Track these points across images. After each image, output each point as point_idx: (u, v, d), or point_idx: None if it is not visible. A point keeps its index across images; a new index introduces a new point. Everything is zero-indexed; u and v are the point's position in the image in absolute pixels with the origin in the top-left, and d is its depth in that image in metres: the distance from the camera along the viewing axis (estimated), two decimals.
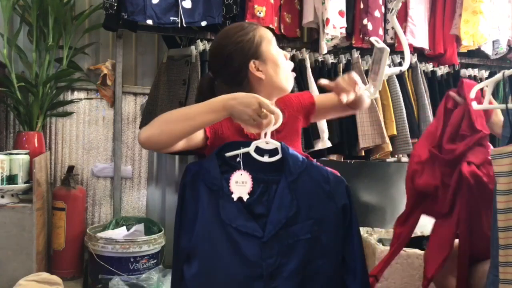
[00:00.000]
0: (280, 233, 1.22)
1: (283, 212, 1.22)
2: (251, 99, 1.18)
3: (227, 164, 1.26)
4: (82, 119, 3.10)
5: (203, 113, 1.21)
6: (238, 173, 1.24)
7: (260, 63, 1.37)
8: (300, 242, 1.22)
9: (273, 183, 1.25)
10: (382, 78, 1.61)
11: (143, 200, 3.20)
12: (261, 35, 1.40)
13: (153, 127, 1.22)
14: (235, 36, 1.37)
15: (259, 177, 1.25)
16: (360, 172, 3.11)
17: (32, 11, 2.69)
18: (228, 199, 1.23)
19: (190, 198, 1.27)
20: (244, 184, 1.23)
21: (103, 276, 2.50)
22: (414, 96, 2.96)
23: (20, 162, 2.30)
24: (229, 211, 1.22)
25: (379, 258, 2.24)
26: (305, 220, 1.23)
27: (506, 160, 1.11)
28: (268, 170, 1.26)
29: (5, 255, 2.18)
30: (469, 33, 2.90)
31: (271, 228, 1.21)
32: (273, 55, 1.39)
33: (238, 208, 1.22)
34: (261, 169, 1.26)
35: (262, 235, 1.21)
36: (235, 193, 1.23)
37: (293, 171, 1.24)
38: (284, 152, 1.25)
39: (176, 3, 2.57)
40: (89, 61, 3.12)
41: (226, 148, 1.27)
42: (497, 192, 1.12)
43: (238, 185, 1.23)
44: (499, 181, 1.12)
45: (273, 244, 1.21)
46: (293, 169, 1.24)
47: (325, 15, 2.68)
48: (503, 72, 1.68)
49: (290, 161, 1.24)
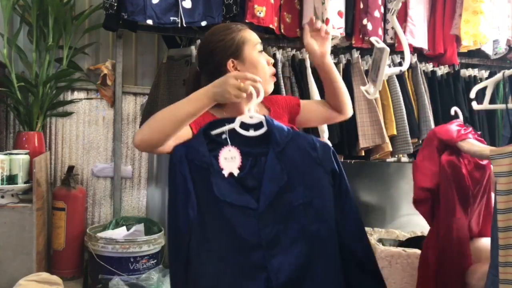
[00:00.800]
0: (274, 203, 1.25)
1: (275, 182, 1.26)
2: (225, 77, 1.24)
3: (214, 141, 1.29)
4: (82, 119, 3.10)
5: (187, 105, 1.27)
6: (226, 149, 1.27)
7: (239, 63, 1.42)
8: (294, 209, 1.26)
9: (261, 155, 1.28)
10: (382, 78, 1.62)
11: (143, 200, 3.20)
12: (244, 36, 1.45)
13: (143, 129, 1.29)
14: (220, 34, 1.44)
15: (247, 151, 1.28)
16: (360, 172, 3.11)
17: (32, 11, 2.68)
18: (219, 175, 1.25)
19: (181, 178, 1.28)
20: (233, 159, 1.26)
21: (103, 276, 2.50)
22: (414, 96, 2.95)
23: (20, 162, 2.30)
24: (222, 187, 1.25)
25: (379, 258, 2.24)
26: (296, 187, 1.26)
27: (506, 160, 1.11)
28: (254, 144, 1.29)
29: (5, 255, 2.18)
30: (470, 33, 2.90)
31: (265, 198, 1.25)
32: (252, 58, 1.43)
33: (230, 183, 1.25)
34: (248, 144, 1.29)
35: (257, 206, 1.24)
36: (226, 169, 1.26)
37: (280, 142, 1.27)
38: (269, 125, 1.28)
39: (176, 3, 2.56)
40: (89, 61, 3.12)
41: (211, 126, 1.30)
42: (497, 192, 1.12)
43: (228, 161, 1.26)
44: (499, 181, 1.11)
45: (269, 214, 1.25)
46: (280, 139, 1.27)
47: (325, 15, 2.67)
48: (503, 72, 1.69)
49: (276, 133, 1.28)
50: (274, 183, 1.26)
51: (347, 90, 1.56)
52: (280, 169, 1.26)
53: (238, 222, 1.24)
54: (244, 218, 1.24)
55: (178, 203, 1.28)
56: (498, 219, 1.10)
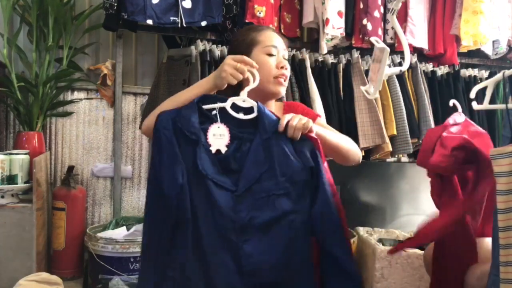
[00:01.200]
0: (253, 188, 1.26)
1: (257, 167, 1.26)
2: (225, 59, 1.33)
3: (203, 115, 1.30)
4: (82, 119, 3.10)
5: (189, 91, 1.36)
6: (215, 126, 1.27)
7: None
8: (272, 197, 1.26)
9: (246, 140, 1.29)
10: (382, 78, 1.62)
11: (143, 200, 3.20)
12: (257, 38, 1.51)
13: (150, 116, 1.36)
14: (241, 33, 1.57)
15: (233, 133, 1.28)
16: (360, 172, 3.11)
17: (32, 11, 2.68)
18: (205, 150, 1.26)
19: (168, 142, 1.27)
20: (221, 136, 1.27)
21: (103, 276, 2.50)
22: (414, 96, 2.96)
23: (20, 162, 2.30)
24: (205, 162, 1.25)
25: (379, 258, 2.24)
26: (277, 177, 1.27)
27: (506, 160, 1.11)
28: (242, 128, 1.30)
29: (5, 255, 2.18)
30: (469, 33, 2.90)
31: (245, 182, 1.25)
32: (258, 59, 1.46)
33: (212, 161, 1.26)
34: (235, 126, 1.29)
35: (235, 189, 1.25)
36: (213, 146, 1.26)
37: (268, 130, 1.28)
38: (260, 111, 1.29)
39: (176, 3, 2.56)
40: (89, 61, 3.12)
41: (204, 100, 1.31)
42: (497, 192, 1.12)
43: (216, 137, 1.27)
44: (499, 181, 1.11)
45: (246, 198, 1.25)
46: (268, 127, 1.28)
47: (325, 15, 2.68)
48: (503, 72, 1.68)
49: (265, 120, 1.29)
50: (256, 168, 1.26)
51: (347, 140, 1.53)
52: (264, 156, 1.27)
53: (216, 199, 1.24)
54: (222, 197, 1.24)
55: (164, 167, 1.26)
56: (498, 219, 1.10)
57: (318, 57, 2.84)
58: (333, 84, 2.81)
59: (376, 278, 2.26)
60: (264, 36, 1.52)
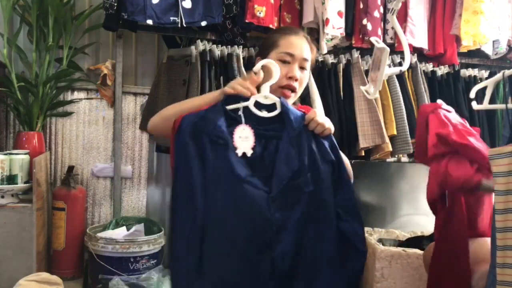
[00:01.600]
0: (286, 187, 1.25)
1: (289, 166, 1.25)
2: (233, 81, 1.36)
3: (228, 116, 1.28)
4: (82, 119, 3.10)
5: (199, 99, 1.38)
6: (241, 128, 1.25)
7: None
8: (304, 195, 1.26)
9: (273, 138, 1.28)
10: (382, 78, 1.62)
11: (143, 200, 3.21)
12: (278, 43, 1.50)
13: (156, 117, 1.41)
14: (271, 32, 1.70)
15: (258, 132, 1.27)
16: (360, 172, 3.11)
17: (32, 11, 2.69)
18: (234, 153, 1.24)
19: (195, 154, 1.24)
20: (247, 139, 1.25)
21: (103, 276, 2.50)
22: (414, 96, 2.95)
23: (20, 162, 2.31)
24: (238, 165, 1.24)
25: (379, 258, 2.24)
26: (306, 173, 1.26)
27: (504, 160, 1.11)
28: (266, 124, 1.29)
29: (5, 255, 2.18)
30: (470, 33, 2.90)
31: (278, 182, 1.24)
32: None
33: (243, 163, 1.24)
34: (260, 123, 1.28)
35: (268, 189, 1.24)
36: (239, 149, 1.24)
37: (295, 126, 1.27)
38: (284, 108, 1.28)
39: (176, 3, 2.56)
40: (89, 61, 3.12)
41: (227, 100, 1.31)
42: (495, 193, 1.12)
43: (242, 140, 1.24)
44: (497, 181, 1.11)
45: (280, 199, 1.24)
46: (295, 124, 1.27)
47: (325, 15, 2.67)
48: (503, 72, 1.68)
49: (291, 117, 1.28)
50: (288, 167, 1.25)
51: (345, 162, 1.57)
52: (294, 153, 1.26)
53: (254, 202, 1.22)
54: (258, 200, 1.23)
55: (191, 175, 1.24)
56: (496, 219, 1.10)
57: (318, 57, 2.84)
58: (333, 84, 2.81)
59: (376, 278, 2.26)
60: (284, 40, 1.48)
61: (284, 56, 1.47)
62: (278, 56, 1.46)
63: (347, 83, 2.83)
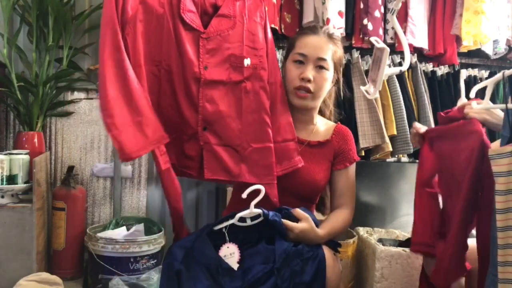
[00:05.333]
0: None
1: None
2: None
3: (214, 233, 1.38)
4: (82, 119, 3.10)
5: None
6: (225, 247, 1.34)
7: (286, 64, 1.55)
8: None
9: (257, 242, 1.38)
10: (382, 78, 1.62)
11: (143, 200, 3.20)
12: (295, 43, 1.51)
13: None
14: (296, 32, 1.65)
15: (241, 238, 1.38)
16: (360, 172, 3.09)
17: (32, 11, 2.69)
18: (227, 272, 1.31)
19: (188, 281, 1.29)
20: (232, 255, 1.33)
21: (103, 276, 2.50)
22: (414, 96, 2.95)
23: (20, 162, 2.30)
24: (229, 283, 1.31)
25: (379, 258, 2.24)
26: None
27: (504, 160, 1.11)
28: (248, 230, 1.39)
29: (5, 255, 2.18)
30: (471, 33, 2.90)
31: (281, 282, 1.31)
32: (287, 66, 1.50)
33: (236, 277, 1.32)
34: (243, 231, 1.38)
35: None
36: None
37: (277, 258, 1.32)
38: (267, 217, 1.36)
39: None
40: (89, 61, 3.12)
41: (213, 224, 1.41)
42: (496, 192, 1.12)
43: (227, 257, 1.33)
44: (498, 181, 1.12)
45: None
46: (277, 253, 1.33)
47: (325, 15, 2.68)
48: (503, 72, 1.68)
49: (277, 224, 1.36)
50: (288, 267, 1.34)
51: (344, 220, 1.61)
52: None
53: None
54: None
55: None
56: (497, 219, 1.10)
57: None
58: None
59: (376, 278, 2.26)
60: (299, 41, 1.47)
61: (297, 56, 1.46)
62: (292, 57, 1.46)
63: (347, 83, 2.83)
